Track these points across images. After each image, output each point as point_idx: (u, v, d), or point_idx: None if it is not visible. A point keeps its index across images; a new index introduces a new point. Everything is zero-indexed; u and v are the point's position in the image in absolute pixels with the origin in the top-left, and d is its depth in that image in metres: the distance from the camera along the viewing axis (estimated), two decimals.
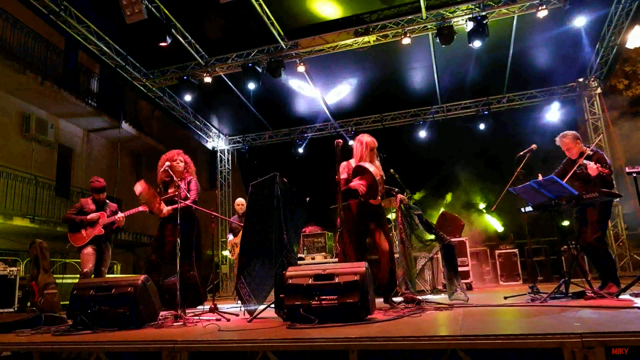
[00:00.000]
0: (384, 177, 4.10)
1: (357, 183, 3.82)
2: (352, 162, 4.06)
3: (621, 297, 3.59)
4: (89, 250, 4.92)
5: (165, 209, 4.24)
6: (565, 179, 4.13)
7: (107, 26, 7.64)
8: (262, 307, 3.65)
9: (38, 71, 10.56)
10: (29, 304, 6.30)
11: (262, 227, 3.76)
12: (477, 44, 7.06)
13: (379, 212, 3.99)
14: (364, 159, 3.97)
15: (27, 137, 10.85)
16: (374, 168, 3.75)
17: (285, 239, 3.74)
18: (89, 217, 4.95)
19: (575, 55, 8.58)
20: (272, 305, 3.54)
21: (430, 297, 4.97)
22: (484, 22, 6.89)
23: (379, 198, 3.85)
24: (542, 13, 6.78)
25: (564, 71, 9.05)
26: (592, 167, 3.95)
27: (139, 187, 4.11)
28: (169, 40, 7.02)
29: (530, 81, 9.38)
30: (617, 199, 8.68)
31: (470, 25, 6.95)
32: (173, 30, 7.24)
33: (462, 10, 7.11)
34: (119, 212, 5.17)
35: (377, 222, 3.93)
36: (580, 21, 6.62)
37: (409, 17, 7.34)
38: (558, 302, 3.47)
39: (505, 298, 4.08)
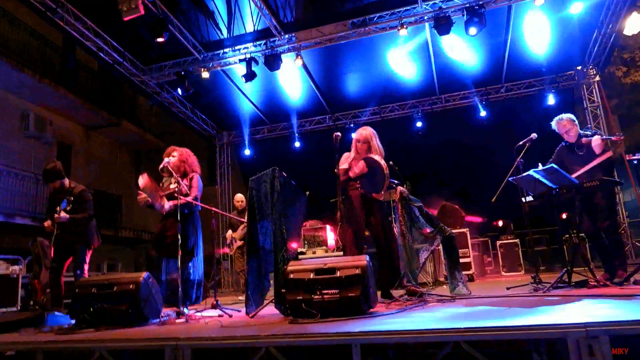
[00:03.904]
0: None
1: (357, 169, 3.79)
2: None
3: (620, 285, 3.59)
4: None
5: (167, 204, 4.20)
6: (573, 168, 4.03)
7: (104, 22, 7.56)
8: (264, 302, 3.65)
9: (36, 68, 10.50)
10: (31, 302, 6.30)
11: (262, 222, 3.75)
12: (474, 33, 7.00)
13: (380, 204, 3.96)
14: (356, 152, 3.94)
15: (26, 135, 10.81)
16: (384, 162, 3.71)
17: (285, 234, 3.73)
18: (45, 224, 4.62)
19: (573, 43, 8.53)
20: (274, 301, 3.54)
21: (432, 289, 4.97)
22: (481, 11, 6.84)
23: (382, 193, 3.81)
24: (539, 1, 6.73)
25: (562, 59, 9.00)
26: (597, 139, 3.84)
27: (142, 180, 4.06)
28: (166, 36, 6.96)
29: (528, 70, 9.32)
30: (618, 187, 8.73)
31: (467, 15, 6.90)
32: (170, 26, 7.18)
33: (459, 0, 7.04)
34: (87, 198, 4.69)
35: (379, 215, 3.91)
36: (577, 8, 6.57)
37: (406, 8, 7.28)
38: (561, 292, 3.47)
39: (508, 289, 4.09)
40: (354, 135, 4.06)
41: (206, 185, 5.33)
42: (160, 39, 6.93)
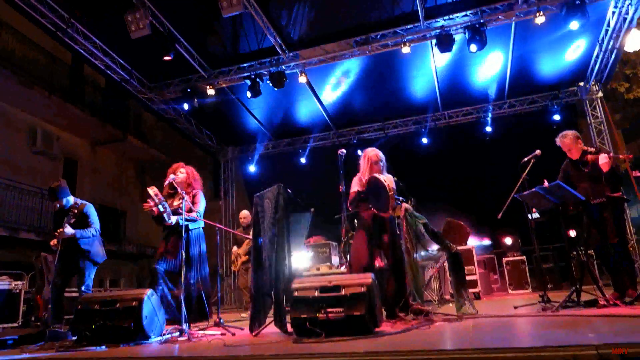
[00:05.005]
0: (395, 190, 4.03)
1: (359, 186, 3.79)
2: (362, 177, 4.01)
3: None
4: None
5: (173, 217, 4.19)
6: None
7: (112, 41, 7.70)
8: (268, 320, 3.60)
9: (45, 85, 10.66)
10: (33, 318, 6.26)
11: (266, 238, 3.72)
12: (476, 50, 7.07)
13: (391, 222, 3.92)
14: (366, 173, 3.94)
15: (33, 151, 10.92)
16: (388, 182, 3.69)
17: (288, 251, 3.70)
18: (51, 243, 4.57)
19: (574, 60, 8.58)
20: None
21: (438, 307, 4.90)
22: (482, 29, 6.91)
23: (390, 211, 3.77)
24: (540, 19, 6.80)
25: (564, 76, 9.05)
26: (604, 157, 3.78)
27: (152, 191, 4.04)
28: (172, 54, 7.07)
29: (530, 86, 9.37)
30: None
31: (468, 33, 6.98)
32: (176, 45, 7.29)
33: (460, 18, 7.14)
34: (90, 214, 4.65)
35: (390, 233, 3.87)
36: (578, 26, 6.64)
37: (408, 26, 7.37)
38: (570, 312, 3.40)
39: (515, 307, 4.02)
40: (363, 157, 4.03)
41: (210, 200, 5.33)
42: (167, 57, 7.05)
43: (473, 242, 7.77)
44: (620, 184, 3.92)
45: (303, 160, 10.91)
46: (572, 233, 4.82)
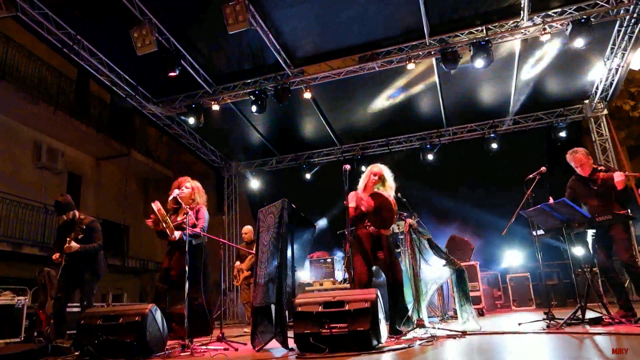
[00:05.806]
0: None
1: (364, 206, 3.78)
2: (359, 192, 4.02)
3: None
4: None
5: (177, 232, 4.19)
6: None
7: (118, 57, 7.84)
8: (270, 335, 3.57)
9: (51, 101, 10.80)
10: (35, 333, 6.23)
11: (269, 254, 3.72)
12: (481, 67, 7.14)
13: (388, 239, 3.92)
14: (366, 188, 3.95)
15: (38, 166, 11.00)
16: (392, 198, 3.69)
17: (290, 266, 3.70)
18: (53, 257, 4.64)
19: (580, 77, 8.65)
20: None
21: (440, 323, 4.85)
22: (488, 47, 6.99)
23: (390, 229, 3.77)
24: (545, 37, 6.88)
25: (569, 93, 9.10)
26: (619, 175, 3.75)
27: (155, 206, 4.05)
28: (177, 70, 7.18)
29: (536, 103, 9.41)
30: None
31: (473, 50, 7.05)
32: (182, 61, 7.41)
33: (466, 35, 7.22)
34: (95, 229, 4.73)
35: (387, 250, 3.86)
36: (583, 44, 6.69)
37: (413, 43, 7.47)
38: (575, 329, 3.37)
39: (520, 324, 3.98)
40: (365, 172, 4.05)
41: (213, 215, 5.35)
42: (172, 73, 7.15)
43: (477, 258, 7.73)
44: (629, 202, 3.91)
45: (307, 175, 10.94)
46: (578, 250, 4.78)
